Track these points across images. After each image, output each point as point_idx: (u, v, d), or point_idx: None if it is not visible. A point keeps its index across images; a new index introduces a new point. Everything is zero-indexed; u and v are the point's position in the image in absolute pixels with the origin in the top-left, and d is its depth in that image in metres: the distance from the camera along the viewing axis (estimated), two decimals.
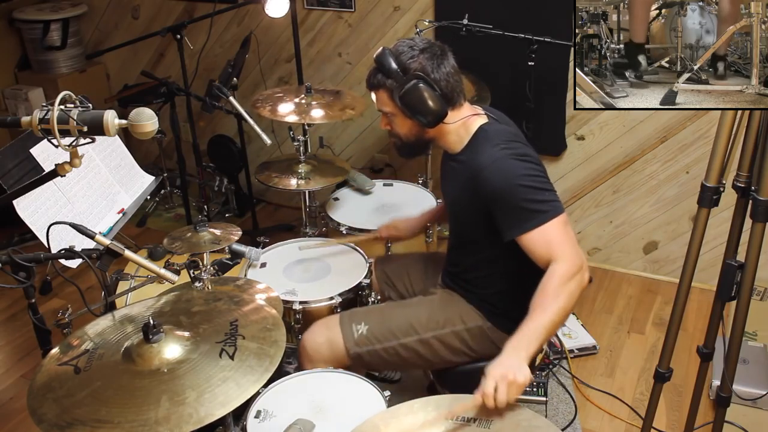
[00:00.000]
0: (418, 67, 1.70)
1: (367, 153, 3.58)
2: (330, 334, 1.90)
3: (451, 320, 1.88)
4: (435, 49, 1.73)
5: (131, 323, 1.50)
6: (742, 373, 2.24)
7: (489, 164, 1.66)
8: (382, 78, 1.73)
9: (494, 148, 1.69)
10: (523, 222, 1.62)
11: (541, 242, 1.61)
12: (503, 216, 1.66)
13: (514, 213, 1.63)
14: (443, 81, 1.71)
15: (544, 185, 1.65)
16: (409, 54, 1.71)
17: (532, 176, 1.65)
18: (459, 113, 1.77)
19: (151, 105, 3.38)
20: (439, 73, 1.71)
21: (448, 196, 1.92)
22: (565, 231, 1.62)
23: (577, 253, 1.60)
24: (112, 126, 1.25)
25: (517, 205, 1.62)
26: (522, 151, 1.70)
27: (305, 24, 3.41)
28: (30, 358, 2.78)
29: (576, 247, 1.61)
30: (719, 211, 1.79)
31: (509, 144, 1.70)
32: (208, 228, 2.02)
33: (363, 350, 1.87)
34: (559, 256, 1.58)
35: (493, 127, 1.78)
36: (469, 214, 1.80)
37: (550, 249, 1.60)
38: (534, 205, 1.61)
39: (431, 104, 1.69)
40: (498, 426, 1.44)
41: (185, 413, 1.24)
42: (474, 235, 1.84)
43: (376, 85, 1.76)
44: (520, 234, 1.62)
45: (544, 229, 1.60)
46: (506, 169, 1.65)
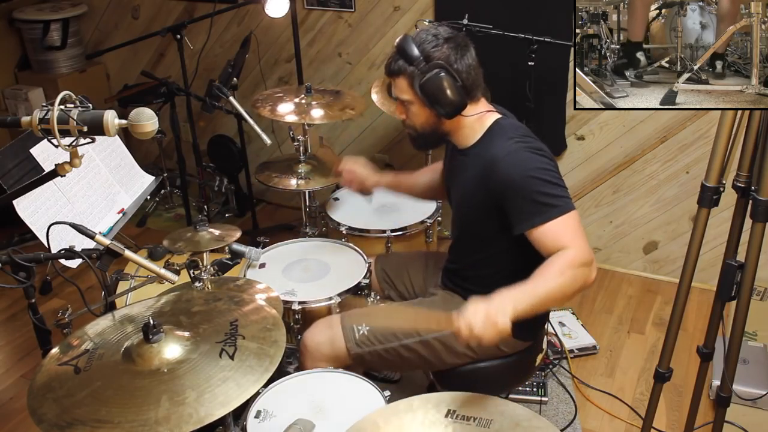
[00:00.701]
0: (442, 56, 1.68)
1: (367, 153, 3.58)
2: (331, 333, 1.89)
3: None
4: (459, 39, 1.72)
5: (131, 323, 1.50)
6: (742, 373, 2.24)
7: (504, 156, 1.66)
8: (403, 64, 1.71)
9: (509, 141, 1.68)
10: (535, 215, 1.60)
11: (552, 236, 1.59)
12: (515, 208, 1.64)
13: (526, 206, 1.62)
14: (465, 73, 1.70)
15: (558, 180, 1.65)
16: (433, 42, 1.69)
17: (547, 170, 1.64)
18: (477, 107, 1.77)
19: (151, 105, 3.38)
20: (462, 64, 1.69)
21: (456, 192, 1.91)
22: (577, 227, 1.61)
23: (589, 249, 1.59)
24: (112, 126, 1.25)
25: (530, 197, 1.61)
26: (537, 145, 1.70)
27: (305, 24, 3.41)
28: (30, 358, 2.78)
29: (587, 243, 1.59)
30: (719, 211, 1.80)
31: (524, 138, 1.70)
32: (208, 228, 2.02)
33: (364, 350, 1.87)
34: (570, 246, 1.56)
35: (507, 122, 1.78)
36: (477, 208, 1.78)
37: (560, 242, 1.57)
38: (547, 198, 1.60)
39: (451, 95, 1.67)
40: (498, 426, 1.44)
41: (185, 413, 1.24)
42: (479, 230, 1.83)
43: (396, 71, 1.73)
44: (530, 227, 1.61)
45: (556, 223, 1.59)
46: (521, 160, 1.64)
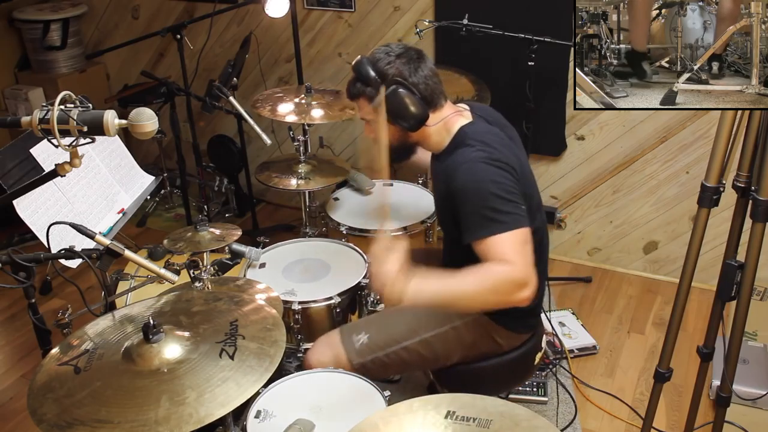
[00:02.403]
0: (396, 72, 1.70)
1: (367, 153, 3.57)
2: (333, 351, 1.89)
3: (450, 318, 1.87)
4: (411, 53, 1.73)
5: (131, 323, 1.50)
6: (742, 373, 2.24)
7: (461, 164, 1.66)
8: (361, 86, 1.74)
9: (468, 149, 1.68)
10: (481, 228, 1.58)
11: (494, 251, 1.55)
12: (464, 218, 1.63)
13: (473, 217, 1.60)
14: (422, 84, 1.71)
15: (511, 196, 1.60)
16: (386, 60, 1.71)
17: (500, 183, 1.60)
18: (440, 114, 1.77)
19: (151, 105, 3.40)
20: (417, 76, 1.71)
21: (435, 195, 1.94)
22: (522, 245, 1.56)
23: (529, 270, 1.53)
24: (112, 126, 1.25)
25: (478, 211, 1.59)
26: (496, 156, 1.65)
27: (305, 24, 3.41)
28: (30, 358, 2.78)
29: (530, 265, 1.54)
30: (719, 211, 1.80)
31: (485, 147, 1.67)
32: (209, 228, 2.02)
33: (366, 360, 1.86)
34: (510, 263, 1.53)
35: (473, 128, 1.76)
36: (445, 213, 1.80)
37: (502, 258, 1.53)
38: (494, 214, 1.57)
39: (411, 108, 1.69)
40: (498, 426, 1.44)
41: (185, 413, 1.24)
42: (455, 235, 1.83)
43: (356, 94, 1.77)
44: (475, 239, 1.59)
45: (500, 239, 1.55)
46: (475, 171, 1.63)
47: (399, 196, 2.73)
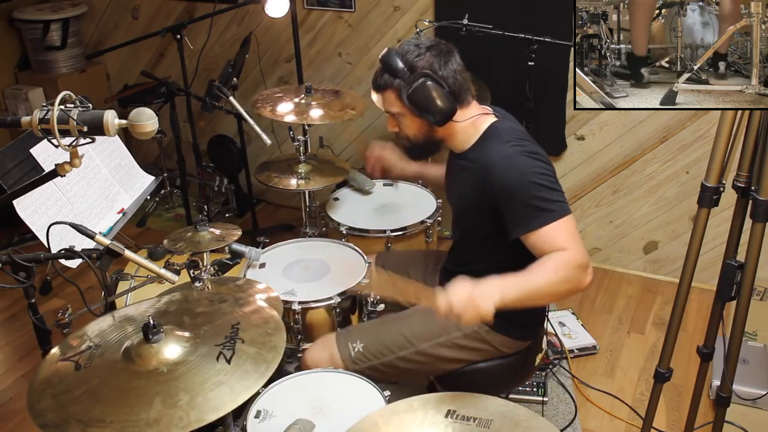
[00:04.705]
0: (426, 65, 1.68)
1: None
2: (329, 353, 1.89)
3: (447, 328, 1.85)
4: (441, 46, 1.72)
5: (131, 323, 1.49)
6: (742, 373, 2.24)
7: (500, 160, 1.65)
8: (389, 78, 1.71)
9: (505, 145, 1.68)
10: (531, 220, 1.60)
11: (548, 240, 1.58)
12: (511, 213, 1.64)
13: (522, 211, 1.61)
14: (451, 78, 1.70)
15: (554, 185, 1.64)
16: (416, 52, 1.69)
17: (543, 174, 1.63)
18: (468, 111, 1.76)
19: (151, 105, 3.40)
20: (447, 70, 1.69)
21: (454, 195, 1.91)
22: (574, 230, 1.60)
23: (585, 253, 1.58)
24: (112, 126, 1.25)
25: (527, 202, 1.60)
26: (533, 149, 1.68)
27: (305, 24, 3.41)
28: (30, 358, 2.78)
29: (584, 248, 1.59)
30: (719, 211, 1.79)
31: (520, 141, 1.69)
32: (209, 228, 2.02)
33: (362, 367, 1.86)
34: (567, 249, 1.56)
35: (504, 125, 1.77)
36: (475, 212, 1.78)
37: (557, 246, 1.57)
38: (543, 203, 1.59)
39: (440, 102, 1.67)
40: (498, 426, 1.44)
41: (176, 416, 1.23)
42: (476, 233, 1.83)
43: (382, 86, 1.74)
44: (527, 232, 1.60)
45: (553, 227, 1.58)
46: (518, 165, 1.64)
47: (399, 196, 2.73)
